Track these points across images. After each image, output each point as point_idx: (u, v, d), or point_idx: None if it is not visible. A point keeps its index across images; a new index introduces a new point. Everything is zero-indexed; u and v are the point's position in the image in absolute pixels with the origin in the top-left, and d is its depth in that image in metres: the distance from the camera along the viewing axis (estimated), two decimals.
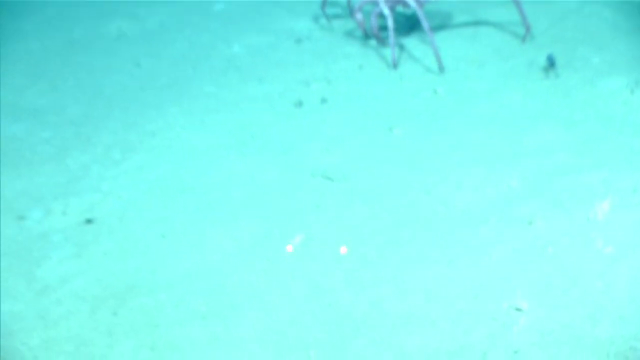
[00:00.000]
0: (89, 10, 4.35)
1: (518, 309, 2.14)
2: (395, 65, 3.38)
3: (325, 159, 2.90)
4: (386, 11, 3.38)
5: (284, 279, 2.36)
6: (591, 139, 2.85)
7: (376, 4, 3.42)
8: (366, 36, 3.64)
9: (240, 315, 2.25)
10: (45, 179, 2.97)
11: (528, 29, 3.51)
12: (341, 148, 2.94)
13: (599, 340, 2.02)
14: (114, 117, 3.37)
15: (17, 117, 3.46)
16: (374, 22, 3.47)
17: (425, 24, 3.32)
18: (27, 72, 3.82)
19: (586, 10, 3.84)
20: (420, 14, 3.32)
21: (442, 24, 3.77)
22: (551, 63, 3.18)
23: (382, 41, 3.55)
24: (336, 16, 3.96)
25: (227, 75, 3.58)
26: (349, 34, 3.80)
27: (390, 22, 3.35)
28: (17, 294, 2.42)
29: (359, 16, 3.54)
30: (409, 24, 3.77)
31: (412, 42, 3.63)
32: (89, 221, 2.73)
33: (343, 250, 2.45)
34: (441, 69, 3.32)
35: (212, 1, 4.29)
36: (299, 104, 3.26)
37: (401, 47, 3.56)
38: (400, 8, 3.60)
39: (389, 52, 3.49)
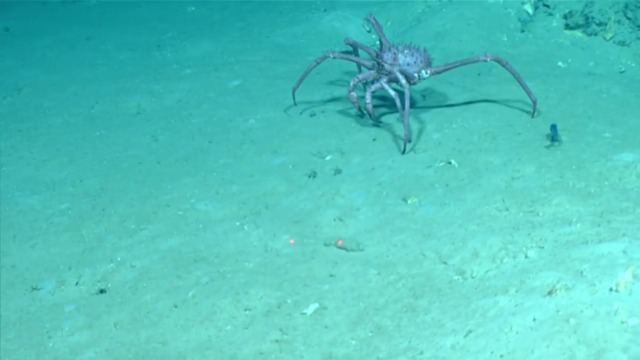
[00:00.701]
0: (110, 87, 4.46)
1: None
2: (409, 140, 3.38)
3: (339, 228, 2.88)
4: (392, 92, 3.40)
5: (297, 350, 2.31)
6: (608, 210, 2.82)
7: (371, 82, 3.47)
8: (361, 115, 3.66)
9: None
10: (59, 250, 2.98)
11: (535, 103, 3.53)
12: (355, 218, 2.93)
13: None
14: (129, 189, 3.39)
15: (35, 190, 3.49)
16: (369, 99, 3.46)
17: (406, 103, 3.32)
18: (47, 147, 3.89)
19: (595, 87, 3.88)
20: (407, 94, 3.33)
21: (451, 99, 3.81)
22: (554, 134, 3.21)
23: (377, 120, 3.56)
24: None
25: (242, 148, 3.61)
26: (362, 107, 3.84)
27: (398, 102, 3.36)
28: None
29: (353, 94, 3.56)
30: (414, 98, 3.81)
31: (424, 115, 3.67)
32: (101, 291, 2.71)
33: (357, 319, 2.41)
34: (404, 151, 3.32)
35: (229, 78, 4.38)
36: (313, 174, 3.27)
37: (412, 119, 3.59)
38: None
39: (401, 126, 3.50)
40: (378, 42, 4.68)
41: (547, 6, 4.32)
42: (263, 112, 3.95)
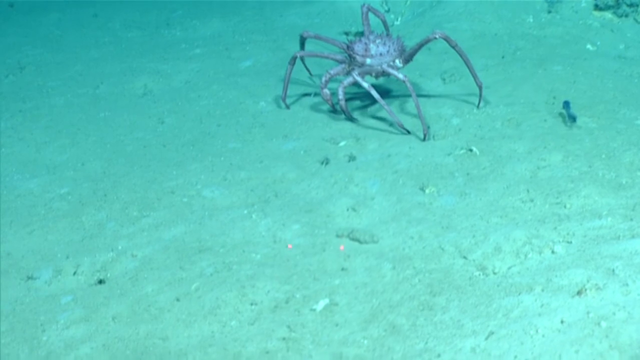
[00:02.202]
0: (116, 67, 4.29)
1: None
2: (403, 128, 3.20)
3: (353, 219, 2.71)
4: (365, 84, 3.20)
5: (305, 349, 2.15)
6: None
7: (345, 76, 3.27)
8: (334, 111, 3.45)
9: None
10: (57, 237, 2.83)
11: (480, 88, 3.30)
12: (370, 208, 2.76)
13: None
14: (133, 174, 3.23)
15: (35, 173, 3.35)
16: (342, 95, 3.27)
17: (412, 93, 3.16)
18: (49, 128, 3.73)
19: (626, 71, 3.67)
20: (410, 87, 3.15)
21: (473, 82, 3.61)
22: (567, 111, 3.03)
23: (351, 116, 3.36)
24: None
25: (251, 132, 3.45)
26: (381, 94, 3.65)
27: (374, 93, 3.17)
28: None
29: (326, 91, 3.35)
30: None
31: (444, 99, 3.48)
32: (100, 282, 2.56)
33: (369, 316, 2.24)
34: (426, 138, 3.15)
35: (240, 58, 4.21)
36: (326, 161, 3.10)
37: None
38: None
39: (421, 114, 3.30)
40: (397, 22, 4.49)
41: None
42: (275, 94, 3.77)
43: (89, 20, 5.11)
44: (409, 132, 3.18)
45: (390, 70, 3.24)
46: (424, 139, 3.14)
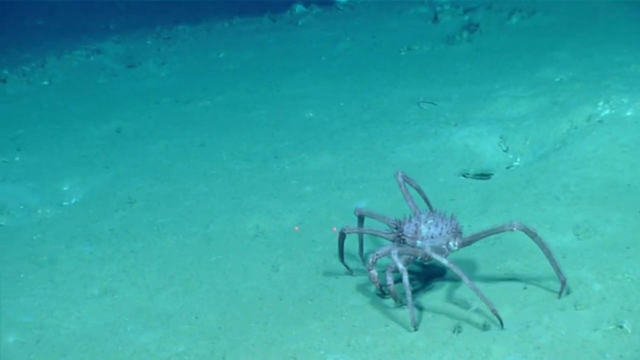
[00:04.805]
0: (226, 204, 4.22)
1: None
2: (415, 326, 2.91)
3: None
4: (400, 266, 2.91)
5: None
6: None
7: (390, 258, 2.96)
8: (382, 294, 3.15)
9: None
10: None
11: (564, 284, 2.97)
12: None
13: None
14: (250, 332, 3.08)
15: (148, 325, 3.24)
16: (390, 279, 2.97)
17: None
18: (161, 272, 3.65)
19: None
20: (457, 269, 2.86)
21: (610, 239, 3.35)
22: None
23: (400, 301, 3.06)
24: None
25: (371, 287, 3.24)
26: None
27: (405, 278, 2.88)
28: None
29: (373, 273, 3.06)
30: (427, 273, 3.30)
31: (580, 259, 3.23)
32: None
33: None
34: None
35: (353, 199, 4.07)
36: (458, 329, 2.86)
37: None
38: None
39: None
40: (516, 162, 4.31)
41: None
42: None
43: (196, 150, 5.11)
44: (416, 330, 2.91)
45: (434, 255, 2.96)
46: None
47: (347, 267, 3.40)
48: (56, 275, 3.75)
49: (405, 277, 2.91)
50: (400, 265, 2.93)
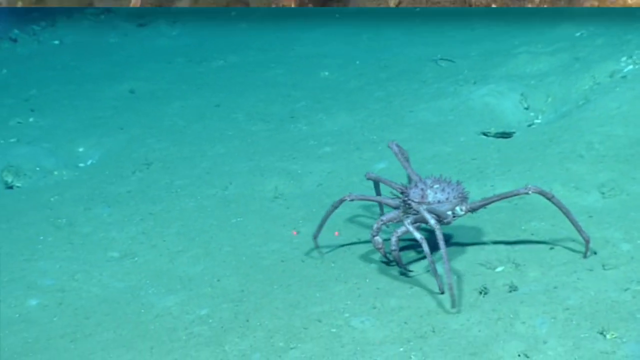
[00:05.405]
0: (243, 165, 4.18)
1: None
2: (442, 291, 2.87)
3: None
4: (418, 235, 2.83)
5: None
6: None
7: (398, 224, 2.91)
8: (388, 262, 3.11)
9: None
10: None
11: (587, 243, 2.93)
12: (544, 354, 2.48)
13: None
14: (274, 294, 3.06)
15: (171, 288, 3.22)
16: (395, 245, 2.92)
17: (442, 247, 2.78)
18: (181, 235, 3.63)
19: None
20: (439, 236, 2.78)
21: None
22: None
23: (405, 268, 3.03)
24: None
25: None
26: None
27: (425, 247, 2.81)
28: None
29: (378, 239, 3.01)
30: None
31: (609, 218, 3.18)
32: None
33: None
34: (454, 304, 2.79)
35: (373, 159, 4.02)
36: (484, 291, 2.83)
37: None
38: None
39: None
40: (538, 120, 4.25)
41: None
42: None
43: (212, 110, 5.05)
44: (443, 293, 2.85)
45: (426, 215, 2.88)
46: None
47: (315, 235, 3.32)
48: (75, 238, 3.73)
49: (426, 246, 2.84)
50: (418, 235, 2.86)
